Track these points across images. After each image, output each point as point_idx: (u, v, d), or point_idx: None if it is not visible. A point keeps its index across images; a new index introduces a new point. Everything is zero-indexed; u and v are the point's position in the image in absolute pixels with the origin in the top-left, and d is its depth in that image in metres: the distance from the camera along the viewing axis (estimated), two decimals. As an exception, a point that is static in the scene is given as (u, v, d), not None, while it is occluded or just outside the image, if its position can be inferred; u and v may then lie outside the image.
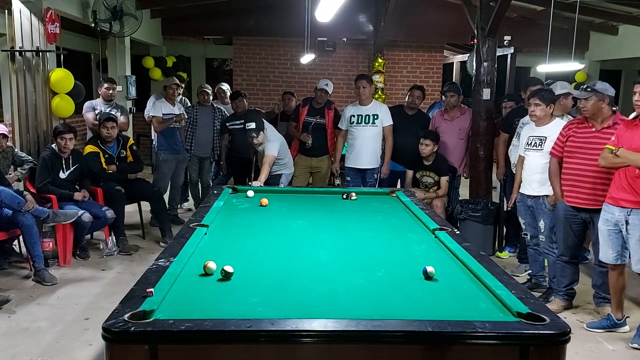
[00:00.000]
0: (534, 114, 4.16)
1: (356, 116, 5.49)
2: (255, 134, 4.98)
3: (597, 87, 3.72)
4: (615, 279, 3.68)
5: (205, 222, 3.18)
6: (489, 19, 5.30)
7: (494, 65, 5.49)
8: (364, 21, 9.58)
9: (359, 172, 5.55)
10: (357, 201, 4.15)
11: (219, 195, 4.07)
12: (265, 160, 5.00)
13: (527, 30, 8.96)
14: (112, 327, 1.75)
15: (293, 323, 1.83)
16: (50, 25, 5.44)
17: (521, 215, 4.44)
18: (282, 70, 10.14)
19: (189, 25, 9.73)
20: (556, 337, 1.83)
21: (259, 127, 5.00)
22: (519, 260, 5.05)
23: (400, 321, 1.88)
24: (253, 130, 4.98)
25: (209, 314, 1.91)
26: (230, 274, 2.33)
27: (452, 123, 5.61)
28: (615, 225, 3.54)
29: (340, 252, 2.86)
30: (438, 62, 10.54)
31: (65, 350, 3.29)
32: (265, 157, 5.02)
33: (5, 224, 4.36)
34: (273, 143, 5.11)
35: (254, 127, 4.99)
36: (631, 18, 8.41)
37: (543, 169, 4.12)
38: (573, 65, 7.67)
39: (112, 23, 6.67)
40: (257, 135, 4.99)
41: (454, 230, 3.19)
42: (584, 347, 3.50)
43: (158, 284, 2.13)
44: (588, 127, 3.82)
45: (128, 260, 5.00)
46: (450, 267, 2.58)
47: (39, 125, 5.45)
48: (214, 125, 6.38)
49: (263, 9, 9.38)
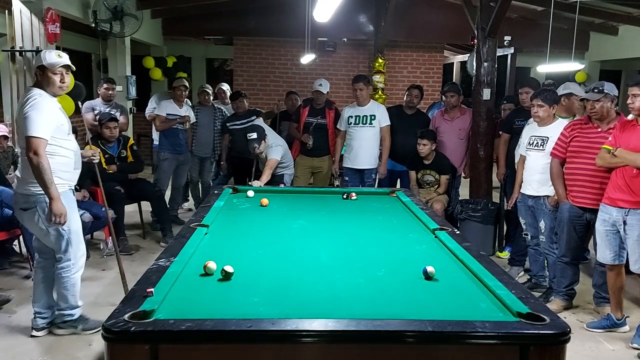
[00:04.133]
0: (537, 114, 4.16)
1: (354, 117, 5.50)
2: (257, 144, 5.01)
3: (606, 88, 3.70)
4: (614, 279, 3.68)
5: (206, 222, 3.18)
6: (489, 19, 5.30)
7: (494, 66, 5.49)
8: (364, 21, 9.59)
9: (358, 172, 5.55)
10: (357, 201, 4.16)
11: (220, 195, 4.07)
12: (268, 164, 5.02)
13: (527, 31, 8.97)
14: (112, 327, 1.76)
15: (293, 323, 1.83)
16: (50, 26, 5.45)
17: (522, 215, 4.44)
18: (282, 70, 10.15)
19: (190, 25, 9.73)
20: (556, 337, 1.83)
21: (260, 137, 5.03)
22: (510, 262, 4.99)
23: (400, 321, 1.88)
24: (255, 141, 5.01)
25: (210, 313, 1.91)
26: (231, 274, 2.34)
27: (452, 123, 5.61)
28: (613, 225, 3.54)
29: (340, 252, 2.86)
30: (438, 62, 10.55)
31: (65, 350, 3.30)
32: (268, 162, 5.05)
33: (6, 224, 4.36)
34: (275, 148, 5.14)
35: (255, 137, 5.02)
36: (631, 18, 8.42)
37: (544, 169, 4.11)
38: (573, 65, 7.67)
39: (112, 23, 6.69)
40: (259, 145, 5.02)
41: (454, 230, 3.19)
42: (584, 347, 3.51)
43: (158, 284, 2.13)
44: (593, 128, 3.81)
45: (128, 260, 5.00)
46: (451, 267, 2.58)
47: (40, 125, 5.44)
48: (214, 125, 6.38)
49: (263, 9, 9.39)
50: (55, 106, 3.27)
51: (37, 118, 3.10)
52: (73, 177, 3.44)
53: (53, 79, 3.24)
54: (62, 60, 3.26)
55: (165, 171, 6.13)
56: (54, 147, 3.23)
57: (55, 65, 3.23)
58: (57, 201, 3.17)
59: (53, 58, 3.24)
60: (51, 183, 3.13)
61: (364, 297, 2.21)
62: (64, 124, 3.31)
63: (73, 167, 3.41)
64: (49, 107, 3.20)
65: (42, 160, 3.08)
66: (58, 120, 3.25)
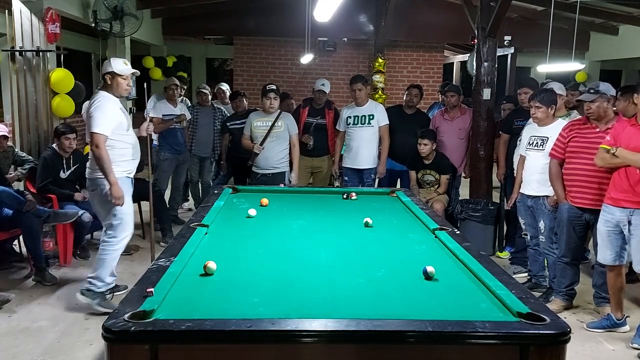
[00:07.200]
0: (535, 116, 4.16)
1: (352, 117, 5.50)
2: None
3: (601, 88, 3.70)
4: (614, 280, 3.67)
5: (206, 222, 3.18)
6: (489, 19, 5.30)
7: (494, 65, 5.49)
8: (364, 21, 9.59)
9: (357, 172, 5.55)
10: (357, 201, 4.15)
11: (220, 195, 4.06)
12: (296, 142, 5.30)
13: (527, 30, 8.97)
14: (112, 327, 1.76)
15: (293, 323, 1.83)
16: (50, 25, 5.45)
17: (521, 215, 4.43)
18: (282, 70, 10.15)
19: (190, 25, 9.74)
20: (556, 337, 1.83)
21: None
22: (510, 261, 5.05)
23: (400, 321, 1.88)
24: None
25: (210, 313, 1.91)
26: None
27: (452, 123, 5.61)
28: (616, 226, 3.54)
29: (340, 252, 2.86)
30: (438, 62, 10.56)
31: (65, 350, 3.30)
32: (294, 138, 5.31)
33: (6, 224, 4.36)
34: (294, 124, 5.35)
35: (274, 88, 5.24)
36: (631, 18, 8.42)
37: (543, 169, 4.11)
38: (573, 65, 7.67)
39: (112, 23, 6.68)
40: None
41: (454, 230, 3.19)
42: (584, 347, 3.51)
43: (158, 284, 2.13)
44: (592, 128, 3.81)
45: (128, 260, 5.00)
46: (451, 267, 2.58)
47: (40, 125, 5.45)
48: (214, 125, 6.38)
49: (263, 9, 9.39)
50: (117, 106, 3.80)
51: (99, 117, 3.65)
52: (131, 167, 3.95)
53: (122, 84, 3.80)
54: (131, 68, 3.85)
55: (165, 171, 6.13)
56: (114, 141, 3.74)
57: (125, 72, 3.79)
58: (116, 186, 3.71)
59: (122, 66, 3.79)
60: (110, 171, 3.68)
61: (364, 297, 2.21)
62: (123, 122, 3.81)
63: (131, 157, 3.92)
64: (112, 107, 3.74)
65: (102, 152, 3.63)
66: (118, 118, 3.77)
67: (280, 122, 5.21)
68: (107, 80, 3.79)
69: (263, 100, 5.28)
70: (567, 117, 4.38)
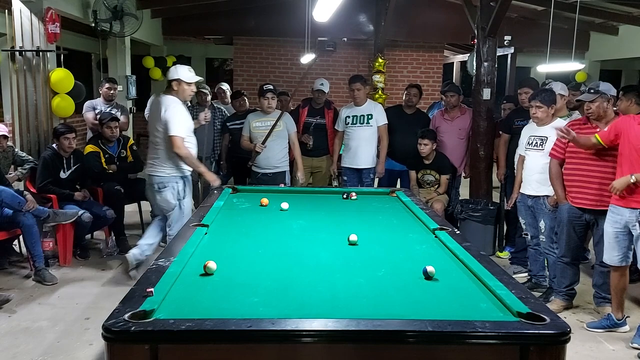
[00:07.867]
0: (536, 116, 4.16)
1: (351, 117, 5.50)
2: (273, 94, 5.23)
3: (601, 88, 3.70)
4: (617, 280, 3.67)
5: (206, 222, 3.18)
6: (489, 19, 5.30)
7: (494, 65, 5.49)
8: (364, 21, 9.59)
9: (356, 171, 5.55)
10: (357, 201, 4.16)
11: (219, 195, 4.07)
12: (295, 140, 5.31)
13: (527, 30, 8.97)
14: (112, 327, 1.75)
15: (293, 323, 1.83)
16: (50, 25, 5.45)
17: (521, 215, 4.44)
18: (282, 70, 10.15)
19: (190, 25, 9.73)
20: (556, 337, 1.83)
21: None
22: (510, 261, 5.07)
23: (400, 321, 1.88)
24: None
25: (210, 313, 1.91)
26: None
27: (452, 123, 5.61)
28: (625, 226, 3.53)
29: (340, 251, 2.85)
30: (438, 62, 10.55)
31: (66, 350, 3.30)
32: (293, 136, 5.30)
33: (6, 224, 4.36)
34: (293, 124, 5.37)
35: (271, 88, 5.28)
36: (631, 18, 8.42)
37: (543, 169, 4.11)
38: (573, 65, 7.67)
39: (112, 23, 6.68)
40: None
41: (454, 230, 3.19)
42: (584, 347, 3.51)
43: (158, 284, 2.13)
44: (592, 128, 3.80)
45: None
46: (451, 267, 2.58)
47: (40, 125, 5.45)
48: (214, 125, 6.37)
49: (263, 9, 9.39)
50: (185, 110, 4.23)
51: (177, 121, 4.08)
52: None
53: (187, 90, 4.20)
54: (195, 76, 4.24)
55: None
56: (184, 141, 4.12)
57: (191, 80, 4.18)
58: (207, 173, 4.39)
59: (188, 74, 4.17)
60: (199, 163, 4.34)
61: (364, 297, 2.20)
62: (190, 125, 4.27)
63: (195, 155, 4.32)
64: (183, 111, 4.18)
65: (185, 151, 4.12)
66: (188, 121, 4.24)
67: (280, 122, 5.21)
68: (173, 87, 4.14)
69: (261, 100, 5.27)
70: (567, 117, 4.38)
